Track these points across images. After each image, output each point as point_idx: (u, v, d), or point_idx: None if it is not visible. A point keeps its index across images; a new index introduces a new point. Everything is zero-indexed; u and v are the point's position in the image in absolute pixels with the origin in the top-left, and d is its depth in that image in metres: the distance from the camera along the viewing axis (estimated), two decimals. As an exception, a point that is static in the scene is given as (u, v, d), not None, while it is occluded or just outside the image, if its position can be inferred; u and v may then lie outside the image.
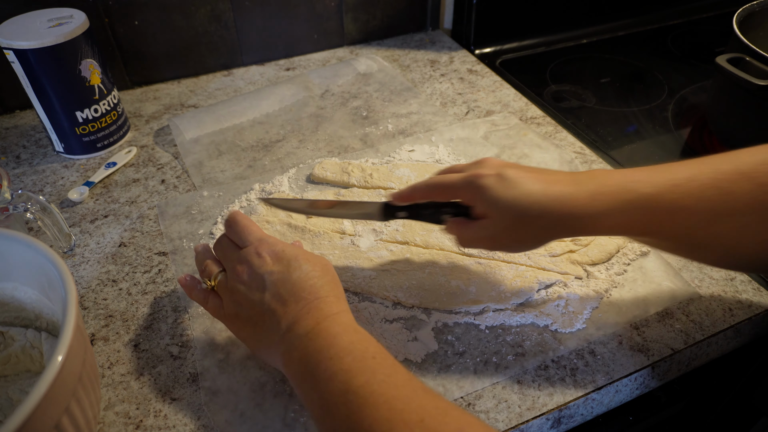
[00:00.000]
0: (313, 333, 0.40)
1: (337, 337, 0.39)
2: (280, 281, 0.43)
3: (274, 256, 0.44)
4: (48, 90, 0.67)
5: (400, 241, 0.59)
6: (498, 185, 0.44)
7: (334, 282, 0.44)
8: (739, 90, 0.68)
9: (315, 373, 0.38)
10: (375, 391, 0.35)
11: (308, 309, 0.41)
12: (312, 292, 0.42)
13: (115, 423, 0.45)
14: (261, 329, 0.43)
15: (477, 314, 0.52)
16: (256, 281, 0.43)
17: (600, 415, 0.49)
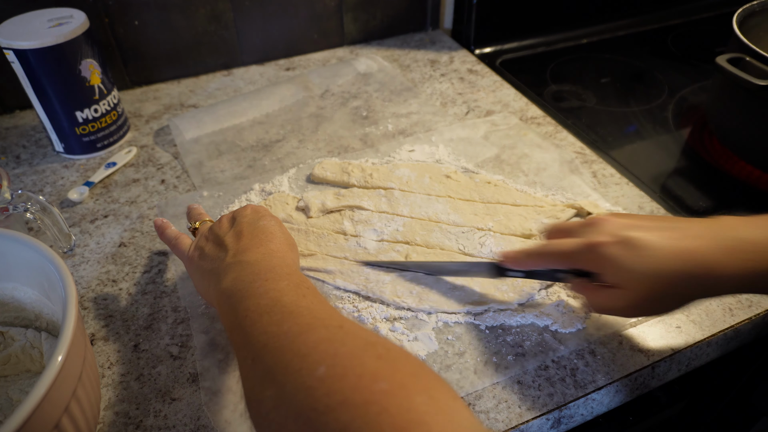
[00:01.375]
0: (254, 261, 0.42)
1: (273, 268, 0.41)
2: (247, 222, 0.47)
3: (254, 209, 0.50)
4: (48, 90, 0.67)
5: (401, 241, 0.59)
6: (625, 254, 0.40)
7: (292, 245, 0.48)
8: (740, 90, 0.68)
9: (247, 290, 0.39)
10: (301, 305, 0.36)
11: (258, 244, 0.44)
12: (269, 237, 0.46)
13: (115, 423, 0.45)
14: (212, 259, 0.45)
15: (477, 314, 0.52)
16: (230, 222, 0.49)
17: (600, 415, 0.49)
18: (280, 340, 0.34)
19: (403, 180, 0.66)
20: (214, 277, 0.43)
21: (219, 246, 0.46)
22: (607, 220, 0.44)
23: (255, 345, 0.35)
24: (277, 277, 0.40)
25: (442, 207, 0.62)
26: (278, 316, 0.35)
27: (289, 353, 0.32)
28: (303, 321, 0.35)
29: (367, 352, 0.32)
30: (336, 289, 0.55)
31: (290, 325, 0.34)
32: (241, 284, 0.40)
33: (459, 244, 0.58)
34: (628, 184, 0.67)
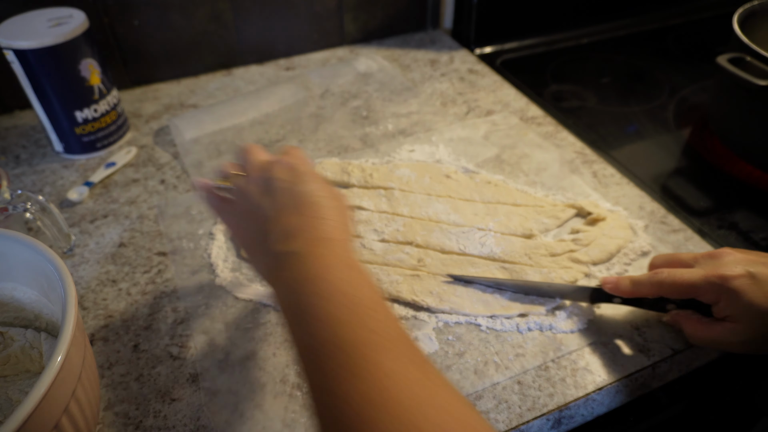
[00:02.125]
0: (306, 254, 0.38)
1: (330, 268, 0.37)
2: (286, 189, 0.41)
3: (289, 167, 0.43)
4: (48, 90, 0.67)
5: (402, 241, 0.59)
6: (753, 290, 0.41)
7: (341, 209, 0.42)
8: (740, 90, 0.68)
9: (303, 308, 0.36)
10: (366, 356, 0.32)
11: (306, 226, 0.39)
12: (314, 209, 0.40)
13: (114, 423, 0.44)
14: (256, 237, 0.42)
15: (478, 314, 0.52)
16: (265, 185, 0.42)
17: (600, 415, 0.49)
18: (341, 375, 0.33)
19: (403, 180, 0.66)
20: (265, 262, 0.41)
21: (261, 222, 0.41)
22: (730, 254, 0.44)
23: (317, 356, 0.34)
24: (336, 293, 0.36)
25: (442, 207, 0.62)
26: (342, 370, 0.33)
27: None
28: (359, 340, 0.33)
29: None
30: (336, 289, 0.55)
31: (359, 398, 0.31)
32: (294, 296, 0.37)
33: (459, 244, 0.58)
34: (629, 184, 0.66)
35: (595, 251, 0.56)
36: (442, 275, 0.55)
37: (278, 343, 0.50)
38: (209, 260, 0.58)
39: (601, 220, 0.60)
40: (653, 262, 0.50)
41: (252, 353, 0.49)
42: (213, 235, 0.60)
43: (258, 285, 0.55)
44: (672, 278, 0.45)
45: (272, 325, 0.51)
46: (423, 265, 0.56)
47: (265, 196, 0.42)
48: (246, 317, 0.52)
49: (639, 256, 0.57)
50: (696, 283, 0.44)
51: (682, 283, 0.45)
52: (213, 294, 0.54)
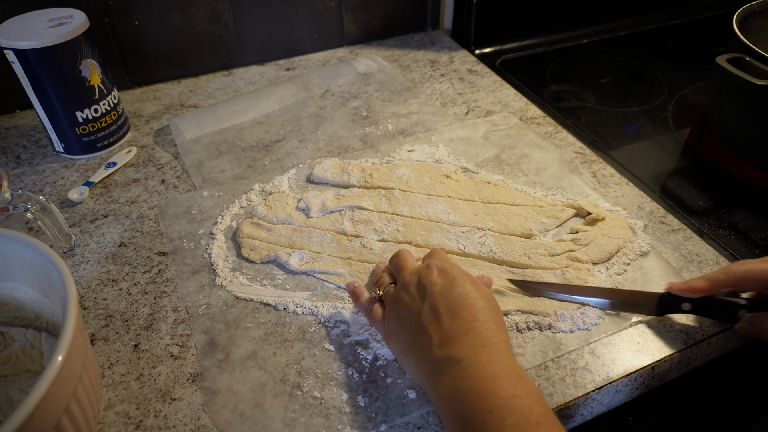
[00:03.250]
0: (469, 362, 0.38)
1: (497, 379, 0.37)
2: (440, 293, 0.42)
3: (441, 270, 0.44)
4: (48, 90, 0.67)
5: (401, 241, 0.59)
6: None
7: (495, 309, 0.43)
8: (740, 90, 0.68)
9: (469, 421, 0.36)
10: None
11: (465, 330, 0.40)
12: (472, 313, 0.41)
13: (115, 423, 0.45)
14: (414, 342, 0.42)
15: None
16: (419, 291, 0.44)
17: (600, 415, 0.49)
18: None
19: (403, 180, 0.66)
20: (423, 368, 0.41)
21: (418, 328, 0.42)
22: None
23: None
24: (503, 407, 0.35)
25: (442, 207, 0.62)
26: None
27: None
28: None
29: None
30: (337, 288, 0.55)
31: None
32: (458, 406, 0.37)
33: (459, 243, 0.58)
34: (628, 184, 0.67)
35: (594, 251, 0.56)
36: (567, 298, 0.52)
37: (278, 343, 0.50)
38: (209, 260, 0.58)
39: (600, 220, 0.60)
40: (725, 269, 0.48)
41: (252, 353, 0.49)
42: (213, 235, 0.61)
43: (258, 285, 0.55)
44: (754, 267, 0.45)
45: (272, 325, 0.51)
46: None
47: (422, 302, 0.43)
48: (246, 317, 0.52)
49: (638, 255, 0.57)
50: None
51: (749, 269, 0.44)
52: (213, 294, 0.54)
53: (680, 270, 0.56)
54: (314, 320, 0.52)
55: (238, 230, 0.61)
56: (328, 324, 0.51)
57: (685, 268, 0.56)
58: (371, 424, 0.44)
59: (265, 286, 0.55)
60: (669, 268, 0.56)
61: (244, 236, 0.60)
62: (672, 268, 0.56)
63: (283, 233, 0.60)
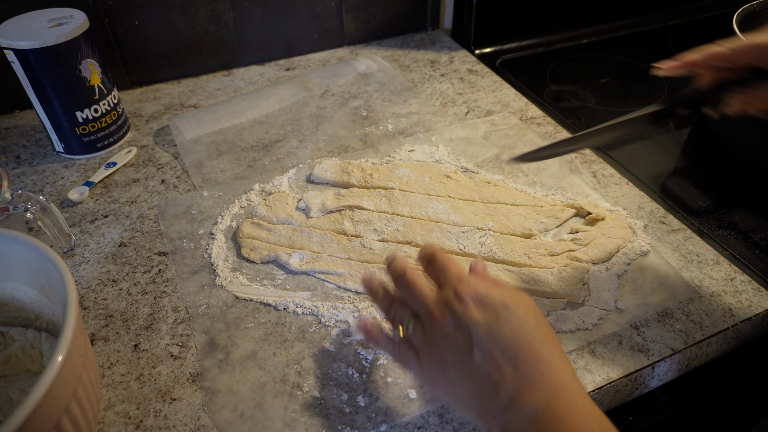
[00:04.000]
0: (546, 418, 0.34)
1: (566, 419, 0.33)
2: (490, 336, 0.36)
3: (477, 301, 0.38)
4: (48, 90, 0.67)
5: (401, 241, 0.59)
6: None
7: (549, 332, 0.38)
8: (739, 90, 0.68)
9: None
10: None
11: (531, 377, 0.35)
12: (531, 352, 0.36)
13: (115, 423, 0.45)
14: (474, 394, 0.37)
15: None
16: (461, 333, 0.37)
17: (600, 415, 0.49)
18: None
19: (403, 180, 0.66)
20: (488, 421, 0.36)
21: (474, 377, 0.36)
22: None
23: None
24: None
25: (442, 207, 0.62)
26: None
27: None
28: None
29: None
30: (337, 288, 0.55)
31: None
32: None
33: (459, 243, 0.58)
34: (628, 184, 0.67)
35: (594, 251, 0.56)
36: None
37: (278, 343, 0.50)
38: (210, 260, 0.58)
39: (600, 219, 0.60)
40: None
41: (252, 353, 0.49)
42: (213, 235, 0.61)
43: (258, 285, 0.55)
44: (757, 39, 0.43)
45: (272, 325, 0.51)
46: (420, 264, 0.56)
47: (469, 346, 0.37)
48: (246, 317, 0.52)
49: (638, 255, 0.57)
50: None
51: (753, 43, 0.44)
52: (213, 294, 0.54)
53: (680, 270, 0.56)
54: (314, 320, 0.52)
55: (238, 230, 0.61)
56: (329, 324, 0.51)
57: (685, 268, 0.56)
58: (371, 424, 0.44)
59: (266, 286, 0.55)
60: (669, 268, 0.56)
61: (244, 236, 0.60)
62: (672, 268, 0.56)
63: (283, 233, 0.60)
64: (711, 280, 0.55)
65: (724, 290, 0.54)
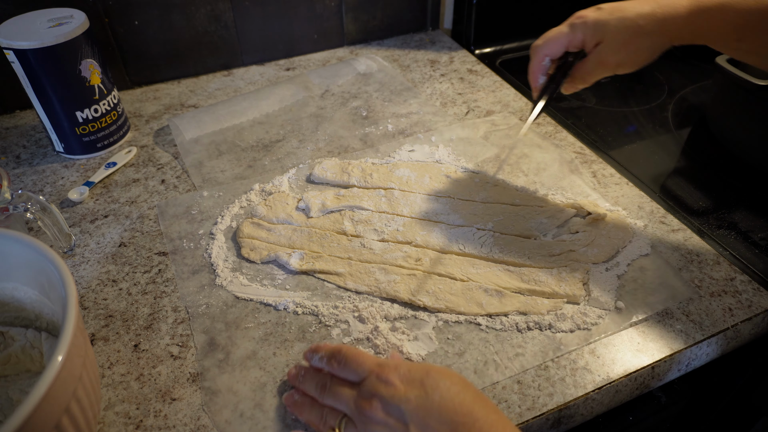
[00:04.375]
0: None
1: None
2: (423, 409, 0.37)
3: (402, 378, 0.38)
4: (48, 90, 0.67)
5: (401, 241, 0.59)
6: (601, 13, 0.53)
7: (477, 392, 0.39)
8: (740, 90, 0.68)
9: None
10: None
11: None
12: (467, 413, 0.36)
13: (115, 423, 0.45)
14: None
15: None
16: (393, 416, 0.37)
17: (600, 415, 0.49)
18: None
19: (403, 180, 0.66)
20: None
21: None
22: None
23: None
24: None
25: (442, 207, 0.62)
26: None
27: None
28: None
29: None
30: (337, 288, 0.55)
31: None
32: None
33: (459, 243, 0.58)
34: (628, 184, 0.67)
35: (594, 251, 0.56)
36: (438, 275, 0.55)
37: (278, 343, 0.50)
38: (210, 260, 0.58)
39: (600, 219, 0.60)
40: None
41: (252, 353, 0.49)
42: (213, 235, 0.61)
43: (258, 285, 0.55)
44: (544, 37, 0.56)
45: (272, 325, 0.51)
46: (420, 264, 0.56)
47: (405, 427, 0.37)
48: (246, 317, 0.52)
49: (638, 255, 0.57)
50: (562, 30, 0.56)
51: (553, 35, 0.56)
52: (213, 294, 0.54)
53: (680, 270, 0.56)
54: (314, 320, 0.52)
55: (238, 230, 0.61)
56: (329, 324, 0.51)
57: (685, 268, 0.56)
58: (371, 424, 0.44)
59: (266, 286, 0.55)
60: (669, 268, 0.56)
61: (244, 236, 0.60)
62: (672, 268, 0.56)
63: (283, 233, 0.60)
64: (711, 280, 0.55)
65: (724, 290, 0.54)
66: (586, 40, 0.55)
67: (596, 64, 0.56)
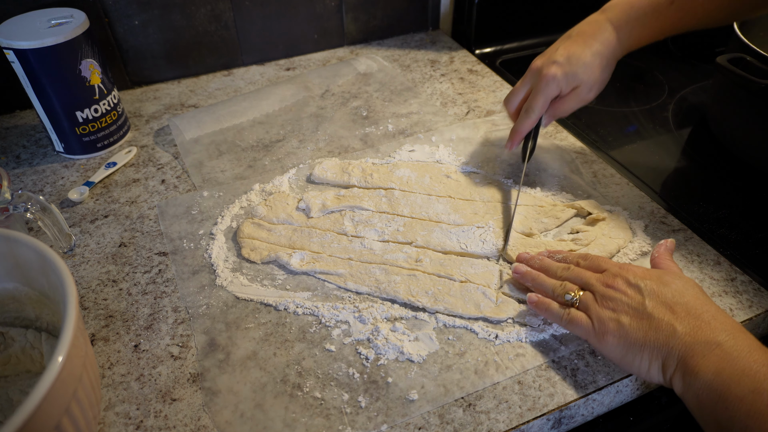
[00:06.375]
0: (730, 346, 0.40)
1: (746, 353, 0.39)
2: (658, 289, 0.44)
3: (642, 272, 0.46)
4: (48, 90, 0.67)
5: (402, 242, 0.59)
6: (564, 67, 0.60)
7: (706, 298, 0.44)
8: (740, 90, 0.68)
9: (749, 401, 0.37)
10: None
11: (707, 319, 0.42)
12: (701, 304, 0.43)
13: (115, 423, 0.45)
14: (647, 334, 0.42)
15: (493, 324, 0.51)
16: (632, 289, 0.45)
17: (601, 415, 0.49)
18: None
19: (404, 180, 0.66)
20: (666, 355, 0.42)
21: (649, 320, 0.43)
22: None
23: None
24: (756, 361, 0.39)
25: (442, 207, 0.62)
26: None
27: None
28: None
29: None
30: (337, 288, 0.55)
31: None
32: (730, 374, 0.38)
33: (461, 243, 0.58)
34: (629, 184, 0.67)
35: (594, 251, 0.56)
36: (437, 275, 0.55)
37: (278, 343, 0.50)
38: (210, 260, 0.58)
39: (600, 220, 0.60)
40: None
41: (252, 353, 0.49)
42: (213, 236, 0.61)
43: (258, 285, 0.55)
44: (535, 101, 0.62)
45: (272, 325, 0.51)
46: (420, 264, 0.56)
47: (642, 298, 0.44)
48: (246, 317, 0.52)
49: (638, 255, 0.57)
50: (542, 90, 0.61)
51: (540, 99, 0.61)
52: (213, 294, 0.54)
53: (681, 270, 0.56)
54: (315, 320, 0.52)
55: (238, 230, 0.61)
56: (329, 324, 0.51)
57: (686, 268, 0.56)
58: (372, 425, 0.44)
59: (266, 286, 0.55)
60: (669, 268, 0.56)
61: (245, 236, 0.60)
62: (672, 268, 0.56)
63: (284, 233, 0.60)
64: (711, 280, 0.55)
65: (724, 290, 0.54)
66: (563, 91, 0.62)
67: (577, 102, 0.63)
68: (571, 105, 0.63)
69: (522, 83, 0.64)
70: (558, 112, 0.64)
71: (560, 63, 0.60)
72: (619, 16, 0.62)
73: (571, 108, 0.64)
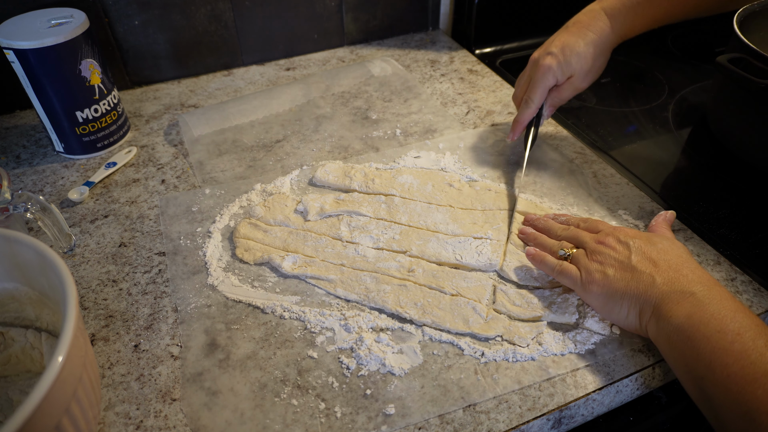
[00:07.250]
0: (702, 295, 0.43)
1: (739, 310, 0.42)
2: (644, 246, 0.48)
3: (633, 232, 0.50)
4: (48, 90, 0.67)
5: (396, 250, 0.58)
6: (559, 57, 0.64)
7: (691, 258, 0.48)
8: (740, 90, 0.68)
9: (714, 341, 0.40)
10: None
11: (686, 273, 0.45)
12: (682, 261, 0.46)
13: (115, 423, 0.45)
14: (629, 285, 0.46)
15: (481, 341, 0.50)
16: (620, 245, 0.49)
17: (601, 415, 0.49)
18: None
19: (405, 187, 0.65)
20: (643, 302, 0.45)
21: (631, 271, 0.47)
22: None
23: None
24: (736, 313, 0.41)
25: (441, 216, 0.61)
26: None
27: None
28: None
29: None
30: (326, 294, 0.54)
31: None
32: (701, 318, 0.42)
33: (456, 254, 0.57)
34: (629, 184, 0.67)
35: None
36: (428, 287, 0.54)
37: (278, 343, 0.50)
38: (204, 258, 0.58)
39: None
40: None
41: (252, 353, 0.49)
42: (210, 234, 0.60)
43: (249, 287, 0.55)
44: (534, 91, 0.66)
45: (272, 326, 0.51)
46: (413, 275, 0.55)
47: (628, 252, 0.48)
48: (246, 317, 0.52)
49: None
50: (539, 80, 0.65)
51: (539, 88, 0.65)
52: (214, 294, 0.54)
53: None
54: (300, 325, 0.51)
55: (234, 230, 0.61)
56: (314, 330, 0.51)
57: (686, 269, 0.56)
58: (372, 425, 0.44)
59: (256, 288, 0.55)
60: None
61: (240, 236, 0.60)
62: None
63: (279, 235, 0.60)
64: (711, 280, 0.55)
65: (724, 290, 0.54)
66: (559, 80, 0.65)
67: (572, 91, 0.67)
68: (567, 93, 0.67)
69: (522, 75, 0.68)
70: (556, 101, 0.68)
71: (555, 54, 0.64)
72: (614, 5, 0.65)
73: (567, 96, 0.67)
